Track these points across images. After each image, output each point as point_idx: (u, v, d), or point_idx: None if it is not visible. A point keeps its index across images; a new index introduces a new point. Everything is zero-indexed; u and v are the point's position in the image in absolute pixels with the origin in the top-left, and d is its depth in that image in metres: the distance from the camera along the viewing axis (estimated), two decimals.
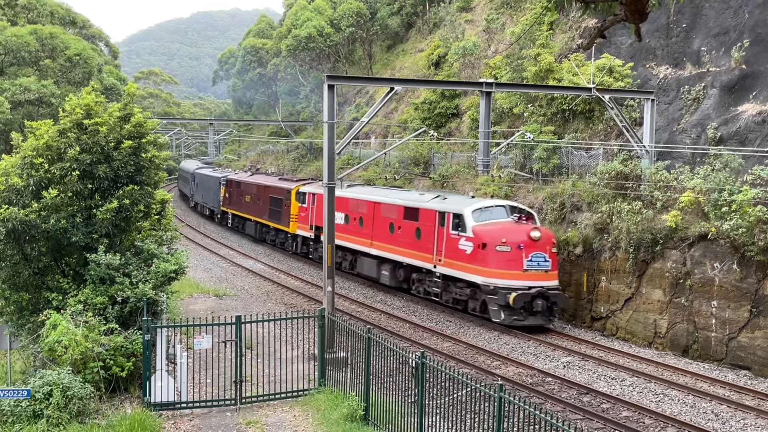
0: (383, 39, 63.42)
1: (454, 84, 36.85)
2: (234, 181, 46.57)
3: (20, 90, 40.74)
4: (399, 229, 26.41)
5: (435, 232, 24.40)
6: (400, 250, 26.44)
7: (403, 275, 27.01)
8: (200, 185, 58.05)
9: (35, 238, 16.03)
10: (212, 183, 52.64)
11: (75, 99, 16.94)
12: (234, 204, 46.12)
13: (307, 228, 33.49)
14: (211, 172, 56.72)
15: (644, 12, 5.99)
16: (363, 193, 29.93)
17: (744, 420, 15.04)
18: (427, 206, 25.22)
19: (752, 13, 26.59)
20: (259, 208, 40.42)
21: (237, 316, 14.88)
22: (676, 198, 24.26)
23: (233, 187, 46.40)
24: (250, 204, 42.04)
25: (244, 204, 43.56)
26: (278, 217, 37.28)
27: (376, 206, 28.27)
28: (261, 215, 40.31)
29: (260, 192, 40.51)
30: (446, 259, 23.79)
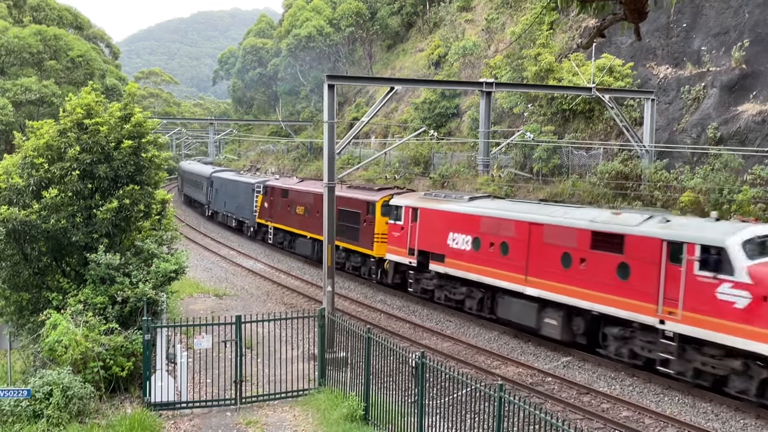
0: (383, 39, 63.43)
1: (454, 84, 36.87)
2: (277, 189, 38.02)
3: (21, 90, 40.80)
4: (582, 262, 18.74)
5: (661, 271, 16.93)
6: (585, 293, 18.62)
7: (584, 327, 19.09)
8: (222, 192, 49.27)
9: (35, 238, 16.04)
10: (242, 190, 44.08)
11: (75, 99, 16.95)
12: (278, 216, 37.70)
13: (404, 252, 25.63)
14: (236, 176, 48.41)
15: (643, 11, 6.00)
16: (508, 210, 21.81)
17: (744, 420, 15.03)
18: (642, 232, 17.54)
19: (752, 12, 26.58)
20: (320, 223, 32.90)
21: (237, 316, 14.87)
22: (676, 198, 24.27)
23: (276, 195, 38.02)
24: (304, 217, 33.92)
25: (294, 217, 35.50)
26: (352, 235, 29.38)
27: (533, 228, 20.38)
28: (322, 232, 34.13)
29: (322, 203, 34.71)
30: (688, 312, 16.27)
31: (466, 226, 22.78)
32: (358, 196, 29.62)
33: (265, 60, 74.47)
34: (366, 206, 28.67)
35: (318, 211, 31.76)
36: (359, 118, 40.56)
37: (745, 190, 22.04)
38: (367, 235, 28.28)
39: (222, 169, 57.89)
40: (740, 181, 22.91)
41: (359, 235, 28.87)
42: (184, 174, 68.00)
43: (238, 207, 44.93)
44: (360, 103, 57.75)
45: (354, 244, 29.47)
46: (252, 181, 42.63)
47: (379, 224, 27.64)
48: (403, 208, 25.95)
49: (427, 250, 24.45)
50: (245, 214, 43.51)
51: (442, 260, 23.59)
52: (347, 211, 29.56)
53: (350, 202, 29.71)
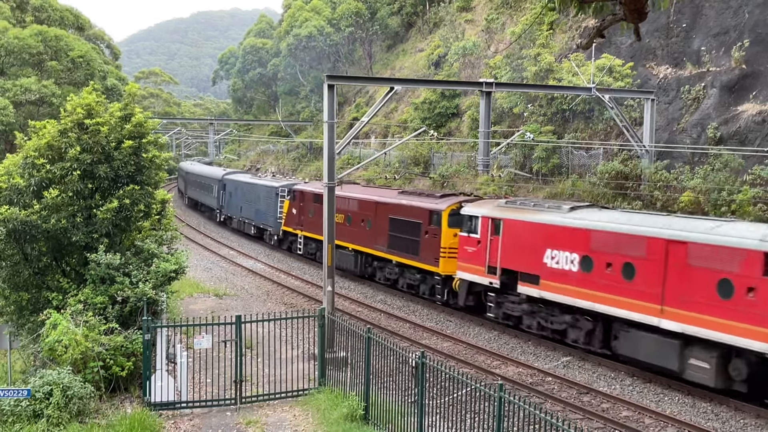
0: (383, 39, 63.46)
1: (454, 84, 36.88)
2: (308, 194, 34.11)
3: (21, 90, 40.81)
4: (749, 292, 14.98)
5: None
6: (754, 330, 14.89)
7: (747, 371, 15.43)
8: (238, 196, 45.17)
9: (36, 238, 16.05)
10: (263, 194, 40.11)
11: (76, 99, 16.96)
12: (309, 225, 33.54)
13: (481, 270, 21.97)
14: (255, 179, 44.32)
15: (643, 12, 6.00)
16: (631, 223, 17.98)
17: (744, 420, 15.04)
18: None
19: (752, 13, 26.59)
20: (366, 233, 28.73)
21: (237, 316, 14.88)
22: (676, 198, 24.27)
23: (307, 201, 34.00)
24: (344, 226, 29.81)
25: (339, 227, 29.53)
26: (409, 248, 25.67)
27: (673, 247, 16.57)
28: (369, 243, 28.54)
29: (368, 211, 28.82)
30: None
31: (570, 242, 18.93)
32: (418, 203, 25.70)
33: (265, 60, 74.49)
34: (428, 216, 24.77)
35: (363, 220, 28.67)
36: (359, 118, 40.56)
37: (745, 190, 22.04)
38: (430, 249, 24.39)
39: (235, 171, 54.03)
40: (740, 181, 22.91)
41: (419, 249, 25.05)
42: (188, 176, 63.94)
43: (259, 213, 40.87)
44: (360, 103, 57.76)
45: (411, 259, 25.65)
46: (275, 185, 38.53)
47: (446, 237, 23.79)
48: (479, 219, 22.13)
49: (514, 269, 20.79)
50: (267, 221, 39.49)
51: (536, 282, 19.87)
52: (402, 221, 26.06)
53: (406, 210, 26.07)
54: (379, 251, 27.77)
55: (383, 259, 27.84)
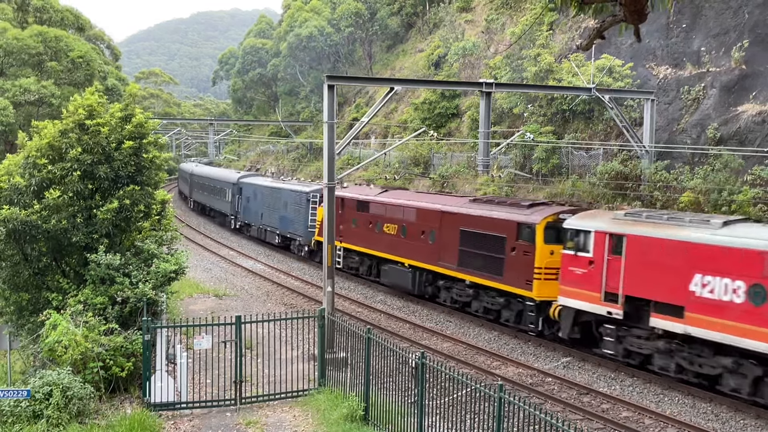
0: (383, 39, 63.48)
1: (454, 84, 36.89)
2: (350, 201, 30.03)
3: (20, 91, 40.79)
4: None
5: None
6: None
7: None
8: (257, 201, 41.27)
9: (36, 239, 16.05)
10: (290, 200, 36.08)
11: (79, 99, 16.97)
12: (352, 235, 29.77)
13: (595, 296, 18.36)
14: (279, 183, 39.95)
15: (643, 13, 5.99)
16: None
17: (744, 420, 15.04)
18: None
19: (752, 13, 26.59)
20: (427, 247, 24.78)
21: (237, 317, 14.88)
22: (676, 198, 24.28)
23: (348, 209, 30.06)
24: (399, 239, 26.28)
25: (381, 237, 27.51)
26: (488, 266, 21.94)
27: None
28: (432, 259, 24.63)
29: (430, 221, 24.82)
30: None
31: (732, 266, 15.34)
32: (500, 214, 21.77)
33: (265, 60, 74.53)
34: (516, 229, 21.02)
35: (423, 232, 24.96)
36: (359, 118, 40.58)
37: (745, 190, 22.05)
38: (520, 269, 20.69)
39: (252, 173, 50.42)
40: (740, 182, 22.92)
41: (503, 268, 21.33)
42: (193, 178, 59.95)
43: (285, 221, 36.62)
44: (360, 104, 57.78)
45: (492, 280, 21.80)
46: (306, 189, 34.46)
47: (541, 255, 20.10)
48: (591, 234, 18.44)
49: (644, 297, 17.25)
50: (296, 230, 35.31)
51: (678, 314, 16.37)
52: (478, 234, 22.37)
53: (484, 222, 22.21)
54: (446, 269, 23.84)
55: (451, 278, 23.95)
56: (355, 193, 30.61)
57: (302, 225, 34.13)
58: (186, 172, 65.42)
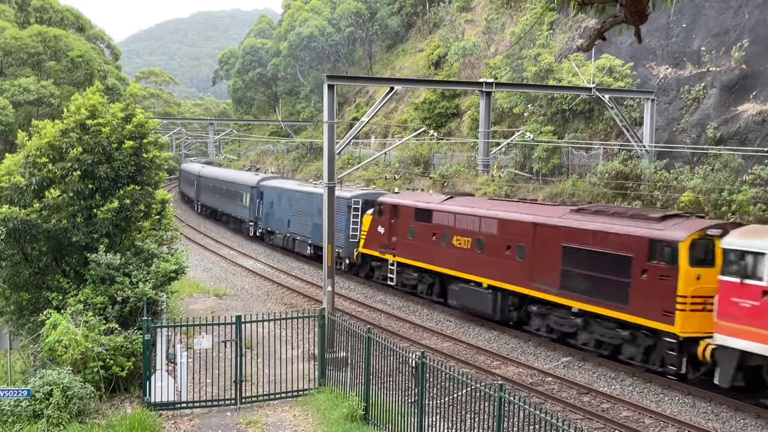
0: (383, 39, 63.49)
1: (454, 84, 36.90)
2: (408, 209, 25.99)
3: (19, 91, 40.72)
4: None
5: None
6: None
7: None
8: (282, 207, 37.03)
9: (36, 238, 16.05)
10: None
11: (80, 99, 16.98)
12: (410, 249, 25.77)
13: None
14: (309, 187, 35.19)
15: (644, 14, 6.00)
16: None
17: (744, 420, 15.04)
18: None
19: (752, 13, 26.60)
20: (514, 265, 21.07)
21: (237, 316, 14.88)
22: (676, 198, 24.29)
23: (406, 218, 25.95)
24: (475, 254, 22.53)
25: (448, 252, 23.77)
26: (608, 292, 18.28)
27: None
28: (520, 279, 20.89)
29: (519, 235, 21.05)
30: None
31: None
32: (623, 228, 18.06)
33: (265, 60, 74.55)
34: (647, 247, 17.28)
35: (509, 246, 21.14)
36: (359, 118, 40.58)
37: (745, 190, 22.05)
38: (653, 296, 17.02)
39: (275, 176, 46.13)
40: (740, 181, 22.93)
41: (627, 295, 17.68)
42: (201, 180, 56.09)
43: (319, 229, 29.74)
44: (360, 103, 57.79)
45: (611, 308, 18.09)
46: (347, 195, 30.07)
47: (686, 280, 16.46)
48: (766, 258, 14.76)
49: None
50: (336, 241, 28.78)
51: None
52: (592, 252, 18.69)
53: (599, 238, 18.55)
54: (542, 292, 19.97)
55: (548, 303, 20.17)
56: (412, 200, 26.48)
57: (342, 235, 29.58)
58: (191, 174, 61.58)
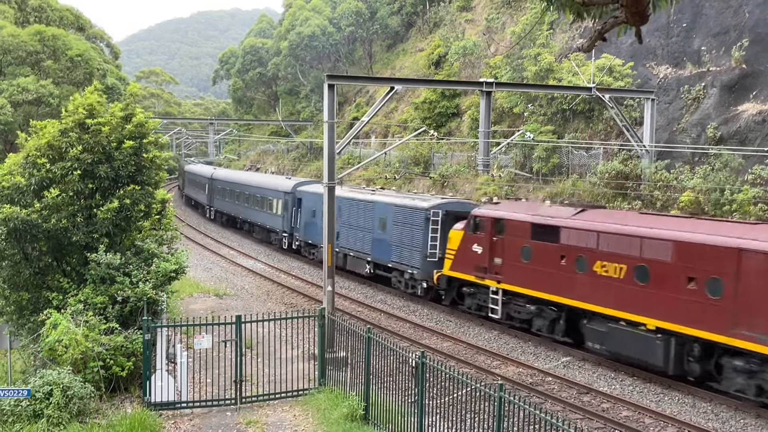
0: (383, 38, 63.51)
1: (454, 84, 36.89)
2: (523, 225, 20.87)
3: (18, 90, 40.67)
4: None
5: None
6: None
7: None
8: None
9: (36, 238, 16.05)
10: (395, 217, 26.67)
11: (79, 98, 16.97)
12: (522, 274, 20.78)
13: None
14: (369, 194, 29.99)
15: (645, 14, 5.99)
16: None
17: (744, 420, 15.04)
18: None
19: (752, 12, 26.59)
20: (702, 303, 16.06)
21: (237, 316, 14.89)
22: (676, 197, 24.29)
23: (517, 236, 20.97)
24: (628, 285, 17.66)
25: (586, 281, 18.78)
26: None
27: None
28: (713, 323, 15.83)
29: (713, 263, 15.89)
30: None
31: None
32: None
33: (265, 60, 74.57)
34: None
35: (694, 278, 16.18)
36: (359, 117, 40.58)
37: (746, 190, 22.06)
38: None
39: (312, 181, 39.19)
40: (740, 181, 22.93)
41: None
42: (215, 183, 51.61)
43: (381, 245, 27.36)
44: (360, 103, 57.79)
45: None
46: (422, 204, 25.37)
47: None
48: None
49: None
50: (403, 258, 26.16)
51: None
52: None
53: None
54: (754, 342, 14.93)
55: (764, 358, 14.99)
56: (525, 212, 21.31)
57: (417, 253, 25.10)
58: (201, 176, 56.70)
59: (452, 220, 24.22)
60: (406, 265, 25.98)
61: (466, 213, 23.66)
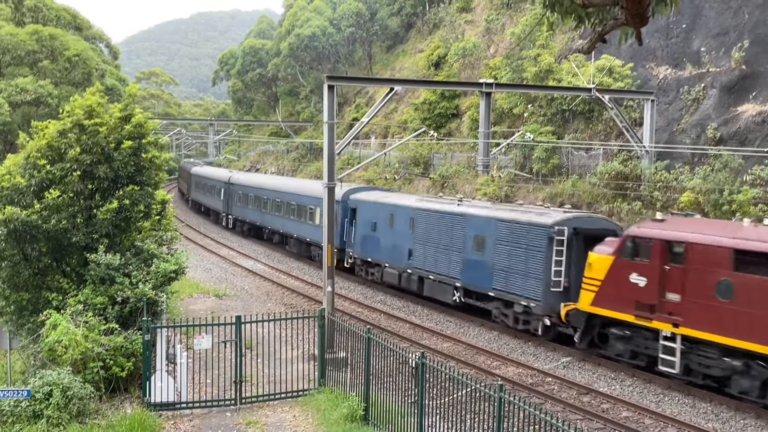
0: (383, 39, 63.55)
1: (454, 84, 36.90)
2: (715, 251, 15.86)
3: (17, 90, 40.61)
4: None
5: None
6: None
7: None
8: (394, 231, 26.94)
9: (36, 239, 16.05)
10: (495, 234, 21.96)
11: (79, 99, 16.97)
12: (716, 316, 15.79)
13: None
14: (454, 206, 24.38)
15: (645, 16, 5.98)
16: None
17: (744, 420, 15.04)
18: None
19: (752, 13, 26.61)
20: None
21: (237, 316, 14.88)
22: (676, 198, 24.30)
23: (703, 264, 16.10)
24: None
25: None
26: None
27: None
28: None
29: None
30: None
31: None
32: None
33: (265, 61, 74.60)
34: None
35: None
36: (359, 118, 40.58)
37: (745, 190, 22.06)
38: None
39: (368, 188, 33.84)
40: (740, 182, 22.93)
41: None
42: (234, 188, 46.73)
43: (483, 270, 22.36)
44: (360, 104, 57.80)
45: None
46: (544, 220, 20.39)
47: None
48: None
49: None
50: (520, 288, 20.92)
51: None
52: None
53: None
54: None
55: None
56: (720, 233, 16.30)
57: (535, 281, 20.38)
58: (214, 180, 52.07)
59: (581, 240, 19.81)
60: (517, 295, 20.89)
61: (600, 231, 19.74)
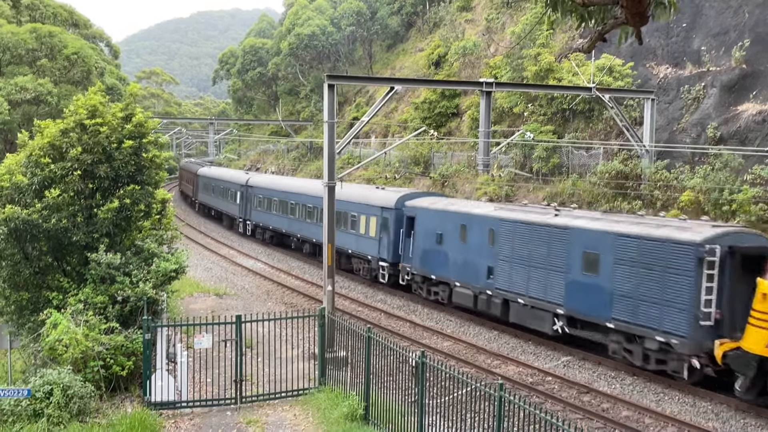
0: (383, 38, 63.54)
1: (454, 84, 36.89)
2: None
3: (16, 89, 40.56)
4: None
5: None
6: None
7: None
8: (466, 246, 23.21)
9: (37, 238, 16.06)
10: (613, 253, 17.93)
11: (82, 99, 16.97)
12: None
13: None
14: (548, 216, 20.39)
15: (645, 15, 6.00)
16: None
17: (744, 420, 15.04)
18: None
19: (752, 12, 26.60)
20: None
21: (237, 316, 14.88)
22: (676, 197, 24.30)
23: None
24: None
25: None
26: None
27: None
28: None
29: None
30: None
31: None
32: None
33: (265, 60, 74.59)
34: None
35: None
36: (359, 117, 40.58)
37: (745, 189, 22.06)
38: None
39: (425, 194, 28.89)
40: (740, 181, 22.94)
41: None
42: (254, 191, 42.48)
43: (597, 295, 18.39)
44: (360, 103, 57.79)
45: None
46: (691, 237, 16.21)
47: None
48: None
49: None
50: (655, 320, 16.85)
51: None
52: None
53: None
54: None
55: None
56: None
57: (678, 312, 16.32)
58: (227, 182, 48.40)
59: (737, 262, 15.87)
60: (651, 328, 16.88)
61: (760, 249, 15.81)
